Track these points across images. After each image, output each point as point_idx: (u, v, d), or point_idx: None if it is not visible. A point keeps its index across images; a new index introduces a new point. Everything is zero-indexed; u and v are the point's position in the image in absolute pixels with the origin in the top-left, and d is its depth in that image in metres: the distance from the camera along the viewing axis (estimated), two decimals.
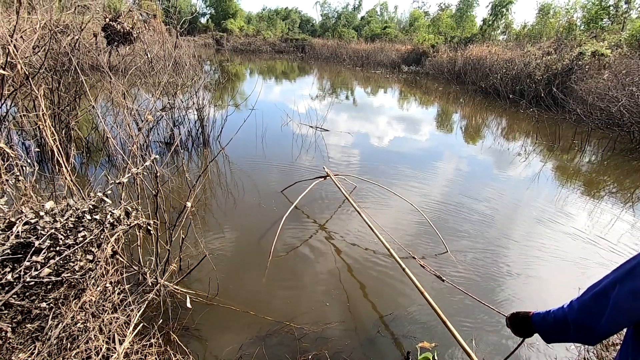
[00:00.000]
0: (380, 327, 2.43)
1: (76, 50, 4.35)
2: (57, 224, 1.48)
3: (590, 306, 0.95)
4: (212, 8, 35.13)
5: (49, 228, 1.46)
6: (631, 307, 0.87)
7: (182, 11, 25.74)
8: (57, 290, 1.58)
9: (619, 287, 0.88)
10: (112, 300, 2.02)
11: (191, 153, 5.76)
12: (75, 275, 1.48)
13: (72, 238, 1.49)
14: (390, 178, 5.09)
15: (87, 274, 1.55)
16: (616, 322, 0.90)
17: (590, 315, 0.95)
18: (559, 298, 2.78)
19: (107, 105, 5.14)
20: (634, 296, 0.86)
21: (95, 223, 1.61)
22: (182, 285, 2.59)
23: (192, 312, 2.38)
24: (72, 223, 1.51)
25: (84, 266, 1.53)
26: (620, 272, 0.90)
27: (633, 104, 7.26)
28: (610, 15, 17.07)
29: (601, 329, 0.92)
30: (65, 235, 1.47)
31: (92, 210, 1.57)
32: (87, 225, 1.57)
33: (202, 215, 3.78)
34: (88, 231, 1.54)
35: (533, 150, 7.07)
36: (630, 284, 0.86)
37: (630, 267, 0.88)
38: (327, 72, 20.17)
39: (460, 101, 12.59)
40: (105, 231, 1.67)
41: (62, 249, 1.45)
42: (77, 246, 1.48)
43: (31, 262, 1.37)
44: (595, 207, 4.61)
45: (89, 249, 1.57)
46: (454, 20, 26.54)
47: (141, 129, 2.86)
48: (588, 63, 10.59)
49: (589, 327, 0.95)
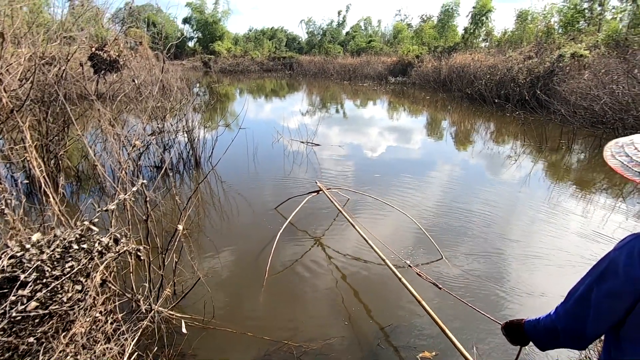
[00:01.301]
0: (380, 339, 2.40)
1: (63, 80, 4.38)
2: (44, 256, 1.45)
3: (574, 312, 0.95)
4: (199, 32, 35.69)
5: (35, 260, 1.44)
6: (610, 307, 0.87)
7: (169, 36, 26.12)
8: (46, 323, 1.54)
9: (596, 289, 0.89)
10: (105, 330, 1.98)
11: (183, 175, 5.74)
12: (64, 306, 1.45)
13: (60, 269, 1.47)
14: (384, 188, 5.11)
15: (76, 304, 1.51)
16: (599, 324, 0.90)
17: (575, 320, 0.94)
18: (560, 299, 2.77)
19: (96, 133, 5.14)
20: (610, 296, 0.86)
21: (83, 252, 1.59)
22: (177, 310, 2.54)
23: (188, 337, 2.33)
24: (59, 254, 1.49)
25: (72, 297, 1.50)
26: (595, 274, 0.91)
27: (614, 102, 7.44)
28: (586, 17, 17.65)
29: (588, 332, 0.92)
30: (52, 266, 1.45)
31: (79, 240, 1.55)
32: (75, 255, 1.54)
33: (195, 237, 3.74)
34: (76, 261, 1.52)
35: (522, 152, 7.16)
36: (605, 286, 0.87)
37: (602, 269, 0.89)
38: (316, 88, 20.44)
39: (448, 108, 12.80)
40: (94, 260, 1.64)
41: (49, 281, 1.43)
42: (65, 277, 1.45)
43: (17, 297, 1.34)
44: (588, 204, 4.65)
45: (78, 279, 1.54)
46: (436, 30, 27.18)
47: (130, 155, 2.85)
48: (568, 64, 10.87)
49: (577, 332, 0.95)
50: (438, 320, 2.13)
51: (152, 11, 28.22)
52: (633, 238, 0.85)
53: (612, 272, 0.86)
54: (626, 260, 0.83)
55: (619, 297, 0.85)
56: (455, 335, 2.02)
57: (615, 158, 0.88)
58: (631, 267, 0.82)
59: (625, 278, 0.83)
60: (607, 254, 0.90)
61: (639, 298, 0.82)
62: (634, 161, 0.84)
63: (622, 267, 0.84)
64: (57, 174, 4.43)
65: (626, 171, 0.84)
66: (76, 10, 6.70)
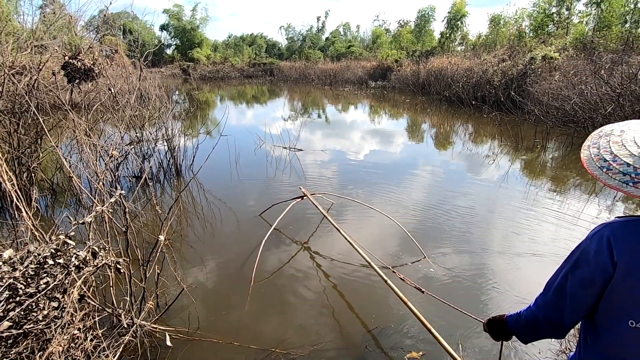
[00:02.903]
0: (368, 342, 2.40)
1: (35, 90, 4.23)
2: (17, 273, 1.39)
3: (552, 301, 0.99)
4: (177, 39, 35.19)
5: (7, 278, 1.37)
6: (584, 294, 0.91)
7: (146, 43, 25.69)
8: (21, 343, 1.48)
9: (570, 278, 0.92)
10: (85, 348, 1.91)
11: (163, 185, 5.63)
12: (39, 325, 1.39)
13: (34, 286, 1.41)
14: (368, 191, 5.15)
15: (53, 322, 1.46)
16: (576, 312, 0.94)
17: (554, 310, 0.98)
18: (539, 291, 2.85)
19: (72, 143, 4.98)
20: (583, 284, 0.90)
21: (59, 267, 1.53)
22: (161, 323, 2.48)
23: (172, 350, 2.27)
24: (33, 270, 1.43)
25: (48, 314, 1.45)
26: (569, 263, 0.95)
27: (584, 101, 7.77)
28: (555, 21, 18.42)
29: (566, 321, 0.96)
30: (25, 283, 1.39)
31: (55, 255, 1.50)
32: (50, 270, 1.49)
33: (178, 247, 3.67)
34: (51, 277, 1.47)
35: (500, 152, 7.37)
36: (579, 274, 0.91)
37: (575, 258, 0.93)
38: (298, 93, 20.47)
39: (427, 111, 13.05)
40: (71, 275, 1.59)
41: (23, 299, 1.37)
42: (40, 294, 1.40)
43: None
44: (563, 200, 4.82)
45: (54, 296, 1.49)
46: (413, 35, 27.75)
47: (107, 165, 2.78)
48: (540, 66, 11.30)
49: (556, 322, 0.98)
50: (424, 320, 2.16)
51: (128, 19, 27.75)
52: (603, 227, 0.88)
53: (584, 260, 0.90)
54: (596, 248, 0.87)
55: (592, 284, 0.88)
56: (441, 334, 2.05)
57: (589, 149, 0.90)
58: (600, 254, 0.85)
59: (596, 265, 0.86)
60: (579, 244, 0.93)
61: (608, 284, 0.86)
62: (599, 155, 0.86)
63: (592, 255, 0.87)
64: (30, 187, 4.26)
65: (589, 165, 0.87)
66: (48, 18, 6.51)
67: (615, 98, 7.21)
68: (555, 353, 2.27)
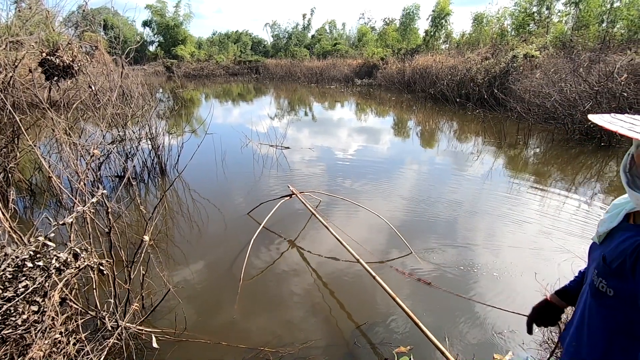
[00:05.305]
0: (357, 337, 2.42)
1: (10, 88, 4.08)
2: None
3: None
4: (160, 35, 34.45)
5: None
6: None
7: (128, 40, 25.13)
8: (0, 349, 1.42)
9: None
10: (67, 352, 1.86)
11: (148, 184, 5.52)
12: (18, 330, 1.34)
13: (12, 290, 1.36)
14: (355, 188, 5.17)
15: (33, 327, 1.41)
16: None
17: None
18: (522, 285, 2.93)
19: (51, 143, 4.83)
20: None
21: (38, 270, 1.48)
22: (147, 325, 2.43)
23: (159, 352, 2.23)
24: (11, 273, 1.39)
25: (28, 319, 1.40)
26: None
27: (564, 99, 7.97)
28: (535, 20, 18.82)
29: None
30: (2, 287, 1.34)
31: (34, 257, 1.45)
32: (29, 273, 1.44)
33: (164, 248, 3.61)
34: (30, 280, 1.42)
35: (484, 149, 7.50)
36: None
37: None
38: (284, 91, 20.37)
39: (413, 108, 13.18)
40: (52, 277, 1.54)
41: (0, 303, 1.32)
42: (18, 298, 1.35)
43: None
44: (545, 195, 4.95)
45: (33, 300, 1.44)
46: (399, 33, 27.91)
47: (89, 165, 2.71)
48: (521, 64, 11.54)
49: None
50: (411, 315, 2.19)
51: (109, 14, 27.01)
52: None
53: None
54: None
55: None
56: (428, 328, 2.08)
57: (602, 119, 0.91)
58: None
59: None
60: None
61: None
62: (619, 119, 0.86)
63: None
64: (7, 189, 4.12)
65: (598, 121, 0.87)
66: (24, 14, 6.27)
67: (593, 95, 7.43)
68: (539, 344, 2.33)
